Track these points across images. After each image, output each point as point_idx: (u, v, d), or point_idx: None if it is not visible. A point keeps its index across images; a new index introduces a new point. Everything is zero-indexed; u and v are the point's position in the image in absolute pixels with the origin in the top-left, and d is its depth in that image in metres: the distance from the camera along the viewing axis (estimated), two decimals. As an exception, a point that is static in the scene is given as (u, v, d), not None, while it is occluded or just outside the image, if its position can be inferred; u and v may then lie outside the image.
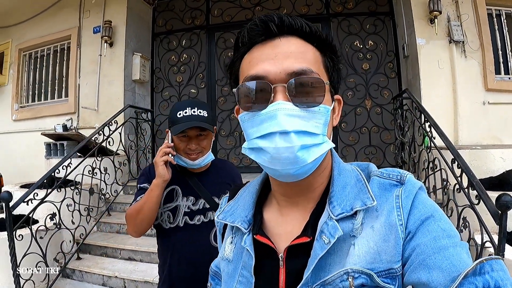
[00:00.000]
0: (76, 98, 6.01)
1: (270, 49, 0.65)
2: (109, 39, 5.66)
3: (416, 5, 4.90)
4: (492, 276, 0.51)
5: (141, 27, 6.20)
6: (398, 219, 0.61)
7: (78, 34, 6.10)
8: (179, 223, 1.67)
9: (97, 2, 5.93)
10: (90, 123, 5.80)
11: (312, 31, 0.67)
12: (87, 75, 5.95)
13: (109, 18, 5.75)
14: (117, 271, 3.61)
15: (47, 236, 3.41)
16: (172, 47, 6.51)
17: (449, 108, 4.80)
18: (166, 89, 6.49)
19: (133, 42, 5.90)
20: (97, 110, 5.78)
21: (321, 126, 0.64)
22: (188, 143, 1.63)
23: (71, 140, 5.00)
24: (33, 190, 3.30)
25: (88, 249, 4.09)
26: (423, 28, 4.88)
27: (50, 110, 6.35)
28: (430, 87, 4.80)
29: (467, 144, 4.63)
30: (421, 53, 4.83)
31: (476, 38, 4.91)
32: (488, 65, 4.85)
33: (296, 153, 0.60)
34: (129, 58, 5.79)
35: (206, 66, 6.31)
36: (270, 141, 0.62)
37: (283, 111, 0.60)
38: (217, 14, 6.35)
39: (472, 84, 4.84)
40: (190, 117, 1.59)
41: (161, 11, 6.59)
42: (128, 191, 5.10)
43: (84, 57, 6.03)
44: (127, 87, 5.71)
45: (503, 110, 4.85)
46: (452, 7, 4.95)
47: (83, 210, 4.06)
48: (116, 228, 4.37)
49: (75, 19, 6.18)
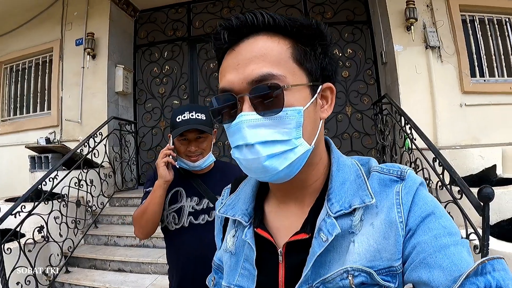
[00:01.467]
0: (59, 111, 5.95)
1: (233, 57, 0.64)
2: (92, 51, 5.65)
3: (393, 14, 5.06)
4: (493, 276, 0.51)
5: (124, 39, 6.22)
6: (398, 216, 0.61)
7: (60, 47, 6.07)
8: (184, 223, 1.70)
9: (79, 14, 5.94)
10: (73, 135, 5.74)
11: (276, 23, 0.63)
12: (70, 88, 5.91)
13: (91, 30, 5.74)
14: (108, 282, 3.60)
15: (35, 249, 3.37)
16: (154, 58, 6.55)
17: (427, 111, 4.94)
18: (149, 101, 6.50)
19: (116, 54, 5.90)
20: (81, 122, 5.74)
21: (291, 131, 0.62)
22: (188, 146, 1.68)
23: (56, 152, 4.96)
24: (20, 203, 3.27)
25: (76, 262, 4.05)
26: (400, 35, 5.04)
27: (32, 123, 6.27)
28: (409, 92, 4.95)
29: (446, 145, 4.79)
30: (399, 59, 4.99)
31: (451, 43, 5.10)
32: (463, 69, 5.03)
33: (263, 164, 0.60)
34: (112, 70, 5.79)
35: (189, 77, 6.36)
36: (240, 152, 0.63)
37: (246, 123, 0.61)
38: (198, 25, 6.42)
39: (449, 87, 5.01)
40: (189, 120, 1.64)
41: (143, 23, 6.63)
42: (114, 203, 5.08)
43: (66, 70, 5.99)
44: (111, 99, 5.70)
45: (480, 111, 5.02)
46: (427, 14, 5.14)
47: (71, 223, 4.03)
48: (104, 240, 4.34)
49: (57, 31, 6.15)
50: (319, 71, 0.67)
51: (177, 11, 6.49)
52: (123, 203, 5.05)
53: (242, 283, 0.71)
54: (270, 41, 0.63)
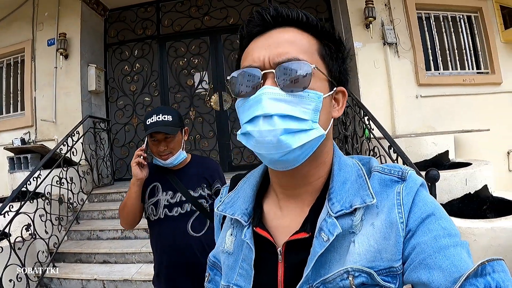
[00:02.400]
0: (32, 111, 5.94)
1: (264, 39, 0.67)
2: (65, 51, 5.68)
3: (353, 12, 5.37)
4: (493, 277, 0.51)
5: (94, 39, 6.26)
6: (399, 216, 0.61)
7: (32, 47, 6.04)
8: (161, 215, 1.86)
9: (50, 14, 5.93)
10: (48, 135, 5.78)
11: (308, 21, 0.68)
12: (43, 88, 5.92)
13: (63, 30, 5.75)
14: (95, 274, 3.74)
15: (24, 247, 3.47)
16: (124, 57, 6.61)
17: (386, 102, 5.31)
18: (120, 98, 6.57)
19: (88, 53, 5.95)
20: (55, 122, 5.77)
21: (309, 112, 0.63)
22: (158, 146, 1.82)
23: (34, 152, 5.02)
24: (8, 203, 3.37)
25: (62, 258, 4.18)
26: (360, 33, 5.37)
27: (6, 124, 6.21)
28: (368, 85, 5.29)
29: (403, 133, 5.15)
30: (359, 55, 5.31)
31: (407, 39, 5.46)
32: (419, 63, 5.41)
33: (279, 137, 0.61)
34: (85, 69, 5.84)
35: (159, 75, 6.48)
36: (255, 124, 0.63)
37: (268, 95, 0.61)
38: (167, 24, 6.52)
39: (406, 80, 5.38)
40: (156, 123, 1.78)
41: (113, 22, 6.67)
42: (92, 199, 5.21)
43: (39, 70, 5.98)
44: (84, 98, 5.77)
45: (435, 102, 5.42)
46: (385, 13, 5.49)
47: (54, 220, 4.14)
48: (86, 235, 4.48)
49: (28, 32, 6.11)
50: (337, 73, 0.71)
51: (146, 10, 6.57)
52: (101, 198, 5.18)
53: (240, 282, 0.72)
54: (299, 34, 0.67)
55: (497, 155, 5.33)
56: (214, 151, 6.34)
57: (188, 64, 6.46)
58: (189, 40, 6.45)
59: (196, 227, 1.87)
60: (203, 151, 6.31)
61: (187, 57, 6.46)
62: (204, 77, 6.44)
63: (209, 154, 6.26)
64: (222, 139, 6.28)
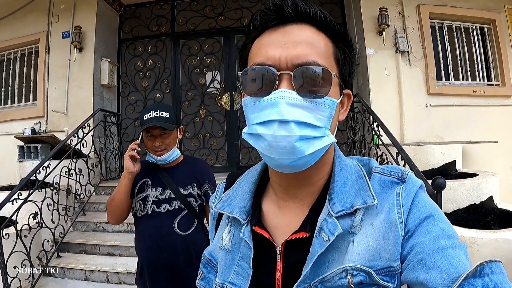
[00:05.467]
0: (44, 101, 6.02)
1: (280, 35, 0.64)
2: (79, 45, 5.76)
3: (367, 19, 5.39)
4: (491, 278, 0.51)
5: (109, 33, 6.33)
6: (398, 217, 0.61)
7: (46, 39, 6.12)
8: (148, 210, 1.87)
9: (66, 7, 6.02)
10: (59, 126, 5.86)
11: (326, 21, 0.66)
12: (56, 79, 5.99)
13: (78, 23, 5.84)
14: (99, 265, 3.78)
15: (30, 235, 3.53)
16: (138, 53, 6.68)
17: (395, 110, 5.32)
18: (132, 94, 6.64)
19: (102, 47, 6.02)
20: (66, 113, 5.85)
21: (324, 119, 0.63)
22: (153, 141, 1.85)
23: (44, 142, 5.10)
24: (18, 190, 3.43)
25: (66, 248, 4.22)
26: (373, 39, 5.39)
27: (17, 114, 6.30)
28: (379, 92, 5.31)
29: (411, 142, 5.17)
30: (371, 62, 5.34)
31: (420, 48, 5.47)
32: (430, 72, 5.42)
33: (293, 143, 0.59)
34: (98, 63, 5.91)
35: (171, 72, 6.53)
36: (268, 128, 0.60)
37: (285, 99, 0.60)
38: (182, 22, 6.58)
39: (416, 89, 5.39)
40: (153, 118, 1.81)
41: (127, 17, 6.74)
42: (100, 191, 5.26)
43: (53, 62, 6.06)
44: (96, 92, 5.84)
45: (444, 112, 5.43)
46: (399, 21, 5.50)
47: (61, 210, 4.20)
48: (92, 227, 4.52)
49: (43, 23, 6.19)
50: (347, 77, 0.70)
51: (161, 8, 6.63)
52: (109, 191, 5.23)
53: (236, 281, 0.71)
54: (316, 34, 0.65)
55: (504, 167, 5.32)
56: (223, 150, 6.38)
57: (201, 63, 6.52)
58: (203, 39, 6.50)
59: (183, 225, 1.87)
60: (211, 150, 6.36)
61: (200, 56, 6.51)
62: (216, 77, 6.50)
63: (217, 153, 6.31)
64: (231, 138, 6.31)
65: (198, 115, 6.41)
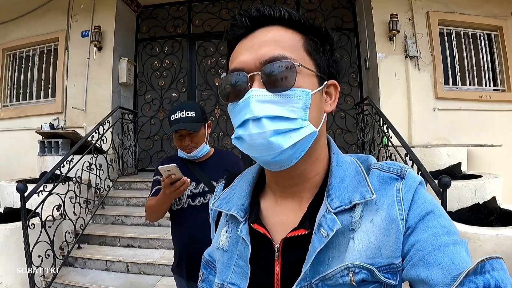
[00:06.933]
0: (63, 98, 6.19)
1: (248, 40, 0.66)
2: (98, 44, 5.93)
3: (378, 24, 5.56)
4: (492, 275, 0.51)
5: (127, 33, 6.51)
6: (399, 213, 0.60)
7: (66, 37, 6.28)
8: (184, 204, 1.92)
9: (86, 7, 6.18)
10: (77, 122, 6.02)
11: (291, 17, 0.66)
12: (75, 77, 6.16)
13: (97, 23, 6.01)
14: (120, 256, 3.93)
15: (54, 226, 3.66)
16: (154, 53, 6.87)
17: (404, 113, 5.49)
18: (148, 92, 6.84)
19: (120, 47, 6.20)
20: (85, 110, 6.02)
21: (298, 110, 0.62)
22: (183, 141, 1.89)
23: (64, 138, 5.25)
24: (43, 183, 3.57)
25: (86, 239, 4.36)
26: (383, 44, 5.55)
27: (35, 109, 6.45)
28: (388, 95, 5.48)
29: (419, 144, 5.33)
30: (381, 66, 5.51)
31: (428, 53, 5.62)
32: (438, 77, 5.57)
33: (268, 139, 0.60)
34: (116, 62, 6.09)
35: (187, 72, 6.73)
36: (245, 128, 0.62)
37: (255, 97, 0.61)
38: (198, 24, 6.77)
39: (424, 93, 5.55)
40: (180, 119, 1.85)
41: (145, 18, 6.92)
42: (117, 186, 5.45)
43: (72, 60, 6.22)
44: (115, 90, 6.02)
45: (451, 115, 5.58)
46: (409, 27, 5.65)
47: (82, 203, 4.37)
48: (111, 220, 4.68)
49: (62, 22, 6.35)
50: (326, 67, 0.69)
51: (178, 9, 6.82)
52: (126, 186, 5.43)
53: (235, 280, 0.70)
54: (283, 31, 0.66)
55: (507, 169, 5.42)
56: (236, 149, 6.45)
57: (216, 64, 6.70)
58: (218, 41, 6.65)
59: None
60: (226, 148, 6.44)
61: (216, 57, 6.70)
62: (231, 78, 6.64)
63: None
64: (245, 138, 6.45)
65: (213, 114, 6.58)
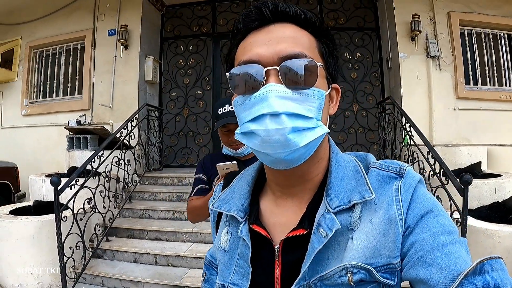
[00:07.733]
0: (90, 95, 6.38)
1: (264, 34, 0.64)
2: (125, 42, 6.11)
3: (400, 25, 5.62)
4: (492, 275, 0.50)
5: (152, 32, 6.67)
6: (398, 213, 0.60)
7: (92, 36, 6.46)
8: None
9: (112, 6, 6.36)
10: (104, 119, 6.21)
11: (306, 18, 0.66)
12: (101, 75, 6.34)
13: (123, 22, 6.17)
14: (148, 248, 4.03)
15: (84, 218, 3.78)
16: (179, 51, 7.03)
17: (425, 112, 5.55)
18: (173, 90, 7.02)
19: (146, 45, 6.36)
20: (112, 107, 6.20)
21: (314, 110, 0.62)
22: (230, 136, 1.80)
23: (92, 134, 5.42)
24: (75, 177, 3.69)
25: (114, 232, 4.49)
26: (405, 44, 5.62)
27: (62, 106, 6.65)
28: (410, 95, 5.55)
29: (440, 143, 5.39)
30: (403, 66, 5.58)
31: (449, 54, 5.67)
32: (459, 77, 5.61)
33: (287, 135, 0.58)
34: (143, 60, 6.26)
35: (212, 70, 6.88)
36: (260, 123, 0.60)
37: (274, 92, 0.59)
38: (222, 23, 6.90)
39: (445, 93, 5.60)
40: (228, 113, 1.78)
41: (169, 17, 7.08)
42: (144, 181, 5.60)
43: (98, 58, 6.40)
44: (141, 87, 6.18)
45: (471, 115, 5.62)
46: (430, 27, 5.70)
47: (111, 197, 4.52)
48: (138, 214, 4.82)
49: (89, 21, 6.53)
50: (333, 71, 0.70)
51: (202, 8, 6.95)
52: (152, 181, 5.59)
53: (236, 280, 0.70)
54: (299, 30, 0.65)
55: (527, 169, 5.49)
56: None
57: (241, 62, 6.81)
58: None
59: None
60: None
61: (240, 56, 6.80)
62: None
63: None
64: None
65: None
